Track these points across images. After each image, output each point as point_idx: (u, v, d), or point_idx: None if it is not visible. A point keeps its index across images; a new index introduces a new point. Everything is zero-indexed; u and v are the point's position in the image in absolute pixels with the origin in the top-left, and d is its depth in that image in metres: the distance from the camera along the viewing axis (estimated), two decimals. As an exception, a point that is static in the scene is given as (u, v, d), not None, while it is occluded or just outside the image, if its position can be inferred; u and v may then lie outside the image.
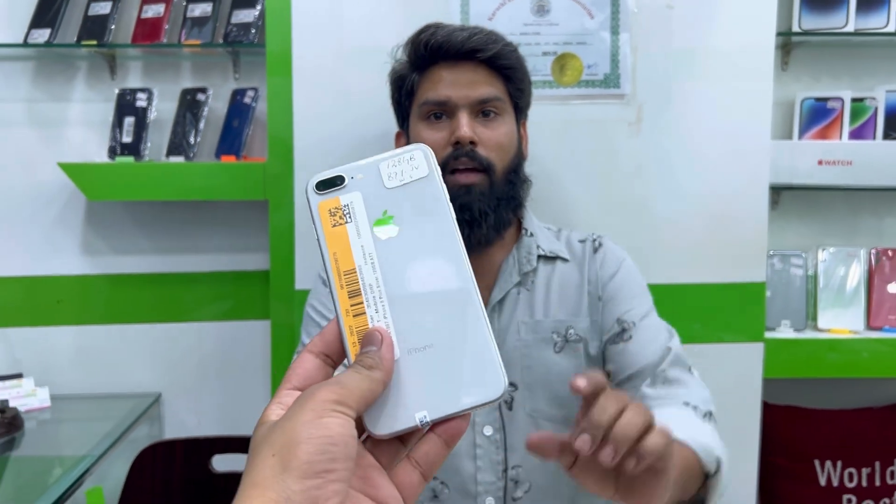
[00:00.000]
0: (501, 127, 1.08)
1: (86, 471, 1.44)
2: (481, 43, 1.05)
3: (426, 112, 1.08)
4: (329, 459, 0.37)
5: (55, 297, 1.87)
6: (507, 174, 1.08)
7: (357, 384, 0.40)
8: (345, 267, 0.44)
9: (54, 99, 1.82)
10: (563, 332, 1.09)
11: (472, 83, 1.05)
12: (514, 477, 1.05)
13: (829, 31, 1.71)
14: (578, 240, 1.17)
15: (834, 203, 1.82)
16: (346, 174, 0.46)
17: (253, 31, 1.73)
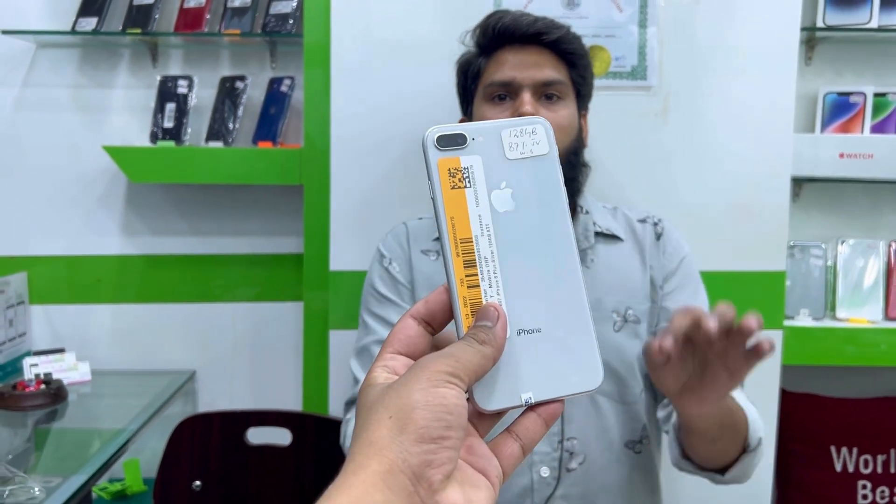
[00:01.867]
0: (563, 110, 1.10)
1: (124, 444, 1.50)
2: (547, 27, 1.09)
3: (490, 93, 1.11)
4: (444, 427, 0.38)
5: (95, 276, 1.95)
6: (567, 156, 1.09)
7: (470, 358, 0.40)
8: (462, 234, 0.43)
9: (99, 85, 1.90)
10: (622, 311, 1.12)
11: (536, 65, 1.08)
12: (570, 448, 1.07)
13: (852, 26, 1.74)
14: (637, 219, 1.19)
15: (854, 196, 1.85)
16: (468, 133, 0.44)
17: (291, 22, 1.79)
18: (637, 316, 1.12)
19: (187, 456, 1.47)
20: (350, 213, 1.55)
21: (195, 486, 1.46)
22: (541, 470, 1.07)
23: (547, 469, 1.07)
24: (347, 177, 1.54)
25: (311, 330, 1.65)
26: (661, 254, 1.16)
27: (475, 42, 1.15)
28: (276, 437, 1.48)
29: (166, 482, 1.45)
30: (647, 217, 1.20)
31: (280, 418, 1.49)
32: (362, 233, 1.54)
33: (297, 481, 1.47)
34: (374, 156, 1.54)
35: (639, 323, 1.12)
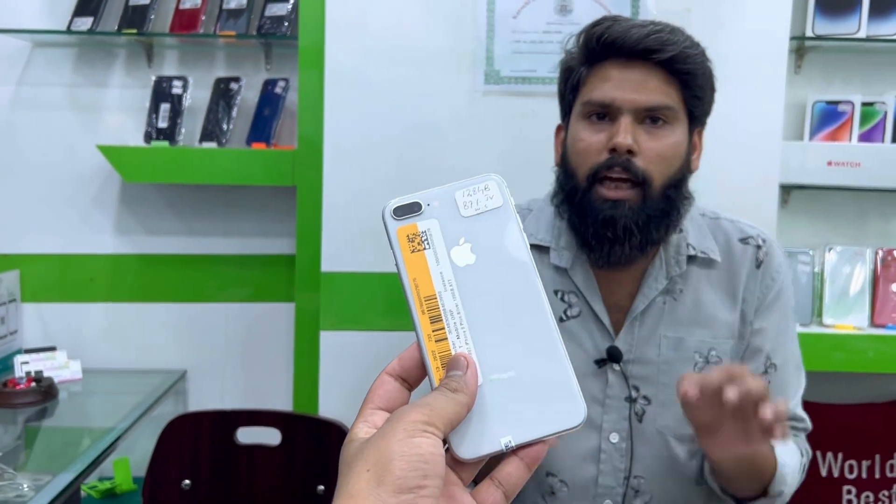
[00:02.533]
0: (668, 137, 0.98)
1: (113, 442, 1.51)
2: (658, 43, 0.95)
3: (588, 111, 1.00)
4: (421, 476, 0.39)
5: (88, 274, 1.95)
6: (665, 189, 0.98)
7: (444, 406, 0.41)
8: (425, 293, 0.44)
9: (94, 84, 1.90)
10: (705, 353, 1.04)
11: (641, 86, 0.96)
12: (636, 486, 1.04)
13: (841, 36, 1.76)
14: (739, 238, 1.08)
15: (842, 203, 1.87)
16: (423, 201, 0.46)
17: (286, 24, 1.80)
18: (720, 357, 1.04)
19: (177, 455, 1.47)
20: (342, 215, 1.56)
21: (184, 485, 1.46)
22: (604, 503, 1.04)
23: (610, 502, 1.04)
24: (340, 178, 1.56)
25: (302, 331, 1.66)
26: (758, 284, 1.05)
27: (578, 49, 1.03)
28: (265, 436, 1.49)
29: (155, 481, 1.45)
30: (750, 236, 1.08)
31: (270, 418, 1.49)
32: (354, 235, 1.55)
33: (287, 481, 1.47)
34: (367, 158, 1.55)
35: (720, 362, 1.04)
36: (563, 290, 1.07)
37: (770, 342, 1.05)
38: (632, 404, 1.03)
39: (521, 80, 1.55)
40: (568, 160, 1.03)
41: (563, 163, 1.06)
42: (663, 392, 1.03)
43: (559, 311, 1.06)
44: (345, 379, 1.57)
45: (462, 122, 1.55)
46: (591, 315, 1.05)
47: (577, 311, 1.06)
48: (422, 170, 1.55)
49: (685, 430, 1.03)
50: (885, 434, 1.81)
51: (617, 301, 1.06)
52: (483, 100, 1.56)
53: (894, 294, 1.78)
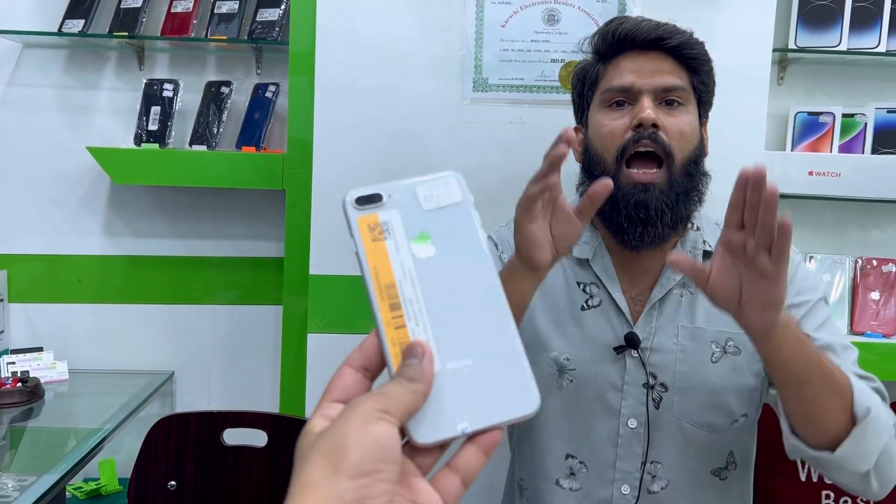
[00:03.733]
0: (684, 116, 1.05)
1: (99, 443, 1.51)
2: (668, 32, 1.04)
3: (608, 99, 1.07)
4: (377, 461, 0.39)
5: (76, 275, 1.96)
6: (686, 165, 1.04)
7: (400, 395, 0.42)
8: (385, 280, 0.45)
9: (84, 87, 1.91)
10: (722, 342, 1.07)
11: (657, 71, 1.04)
12: (652, 471, 1.06)
13: (823, 48, 1.79)
14: None
15: (823, 213, 1.90)
16: (384, 192, 0.47)
17: (277, 30, 1.82)
18: (738, 347, 1.06)
19: (163, 456, 1.47)
20: (331, 219, 1.57)
21: (170, 485, 1.46)
22: (622, 487, 1.07)
23: (628, 487, 1.07)
24: (329, 183, 1.57)
25: (289, 333, 1.67)
26: None
27: (593, 48, 1.11)
28: (251, 438, 1.49)
29: (141, 482, 1.46)
30: None
31: (256, 419, 1.50)
32: (342, 238, 1.55)
33: (272, 482, 1.48)
34: (356, 163, 1.57)
35: (738, 354, 1.06)
36: (584, 281, 1.11)
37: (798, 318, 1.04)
38: (649, 391, 1.06)
39: (510, 87, 1.57)
40: (593, 147, 1.08)
41: (585, 155, 1.11)
42: (681, 380, 1.06)
43: (580, 301, 1.10)
44: (331, 381, 1.58)
45: (450, 128, 1.57)
46: (611, 304, 1.09)
47: (597, 300, 1.10)
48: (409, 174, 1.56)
49: (703, 418, 1.06)
50: (863, 440, 1.83)
51: (636, 293, 1.10)
52: (471, 107, 1.57)
53: (873, 302, 1.81)
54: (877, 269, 1.82)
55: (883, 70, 1.88)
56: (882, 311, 1.80)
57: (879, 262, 1.83)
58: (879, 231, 1.92)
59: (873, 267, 1.82)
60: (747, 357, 1.07)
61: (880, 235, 1.92)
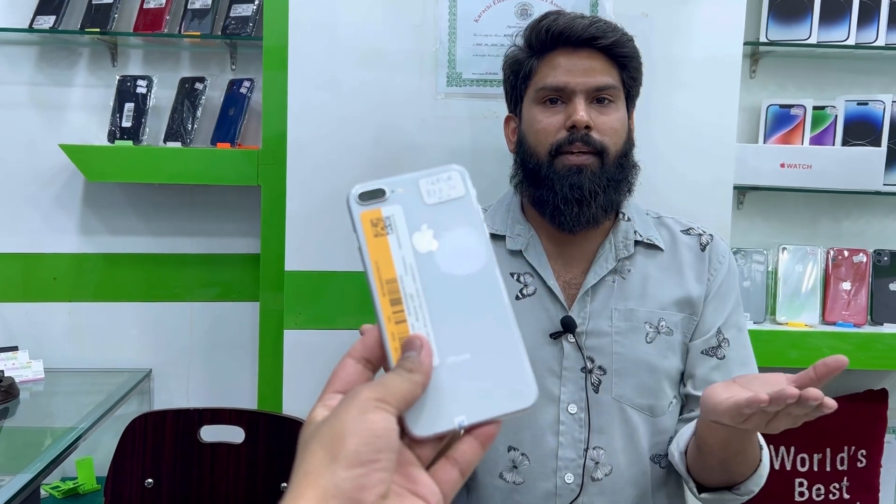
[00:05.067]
0: (615, 113, 1.09)
1: (74, 441, 1.50)
2: (601, 31, 1.07)
3: (542, 97, 1.10)
4: (374, 450, 0.40)
5: (51, 274, 1.94)
6: (618, 158, 1.09)
7: (398, 385, 0.42)
8: (386, 276, 0.45)
9: (57, 83, 1.90)
10: (655, 322, 1.10)
11: (589, 70, 1.08)
12: (595, 457, 1.07)
13: (794, 42, 1.81)
14: (682, 230, 1.17)
15: (795, 204, 1.92)
16: (387, 187, 0.47)
17: (250, 25, 1.81)
18: (670, 327, 1.10)
19: (139, 454, 1.47)
20: (306, 215, 1.57)
21: (147, 483, 1.46)
22: (565, 476, 1.07)
23: (571, 475, 1.07)
24: (304, 179, 1.56)
25: (266, 330, 1.67)
26: (705, 265, 1.13)
27: (526, 42, 1.13)
28: (229, 435, 1.49)
29: (118, 480, 1.45)
30: (692, 227, 1.17)
31: (233, 416, 1.50)
32: (318, 234, 1.56)
33: (250, 479, 1.48)
34: (331, 158, 1.56)
35: (671, 334, 1.10)
36: (518, 271, 1.13)
37: (721, 319, 1.11)
38: (588, 375, 1.08)
39: (483, 82, 1.58)
40: (527, 142, 1.12)
41: (519, 147, 1.15)
42: (617, 361, 1.09)
43: (515, 291, 1.12)
44: (308, 378, 1.58)
45: (424, 123, 1.57)
46: (545, 291, 1.11)
47: (532, 289, 1.12)
48: (385, 170, 1.56)
49: (642, 400, 1.09)
50: (835, 428, 1.85)
51: (570, 279, 1.13)
52: (445, 102, 1.57)
53: (844, 292, 1.83)
54: (848, 260, 1.84)
55: (852, 63, 1.90)
56: (853, 301, 1.82)
57: (851, 253, 1.85)
58: (850, 222, 1.95)
59: (844, 258, 1.84)
60: (680, 337, 1.11)
61: (851, 226, 1.95)
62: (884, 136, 1.83)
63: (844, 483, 1.85)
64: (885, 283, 1.84)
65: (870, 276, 1.84)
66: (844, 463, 1.85)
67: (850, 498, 1.85)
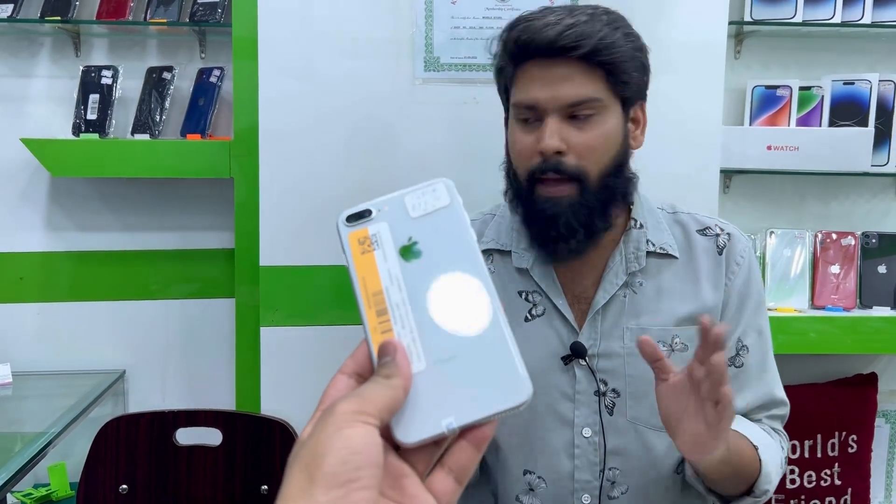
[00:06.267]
0: (596, 128, 0.98)
1: (45, 447, 1.45)
2: (573, 39, 0.94)
3: (517, 114, 1.01)
4: (353, 469, 0.38)
5: (17, 273, 1.88)
6: (602, 179, 0.99)
7: (376, 393, 0.41)
8: (372, 289, 0.45)
9: (18, 75, 1.82)
10: (669, 341, 1.04)
11: (564, 83, 0.96)
12: (611, 478, 1.04)
13: (779, 21, 1.78)
14: (698, 229, 1.08)
15: (782, 187, 1.90)
16: (374, 207, 0.48)
17: (219, 11, 1.75)
18: (685, 343, 1.04)
19: (113, 459, 1.42)
20: (280, 208, 1.52)
21: (121, 489, 1.41)
22: (582, 497, 1.05)
23: (588, 497, 1.05)
24: (277, 170, 1.52)
25: (242, 327, 1.62)
26: (723, 270, 1.06)
27: (502, 49, 1.03)
28: (206, 437, 1.45)
29: (90, 487, 1.40)
30: (709, 227, 1.08)
31: (209, 418, 1.45)
32: (293, 227, 1.52)
33: (228, 482, 1.44)
34: (305, 149, 1.52)
35: (686, 350, 1.03)
36: (527, 290, 1.08)
37: (741, 325, 1.06)
38: (601, 398, 1.04)
39: (462, 66, 1.53)
40: (511, 160, 1.05)
41: (507, 159, 1.07)
42: (632, 384, 1.03)
43: (524, 312, 1.07)
44: (287, 376, 1.54)
45: (402, 110, 1.52)
46: (554, 312, 1.06)
47: (541, 309, 1.07)
48: (361, 159, 1.52)
49: (656, 420, 1.01)
50: (826, 414, 1.84)
51: (581, 293, 1.06)
52: (423, 87, 1.53)
53: (833, 276, 1.81)
54: (836, 243, 1.82)
55: (838, 42, 1.87)
56: (842, 285, 1.80)
57: (839, 236, 1.83)
58: (838, 204, 1.92)
59: (833, 240, 1.82)
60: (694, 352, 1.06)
61: (839, 208, 1.93)
62: (871, 116, 1.81)
63: (836, 469, 1.84)
64: (873, 265, 1.82)
65: (858, 259, 1.81)
66: (835, 449, 1.84)
67: (842, 484, 1.83)
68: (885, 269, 1.81)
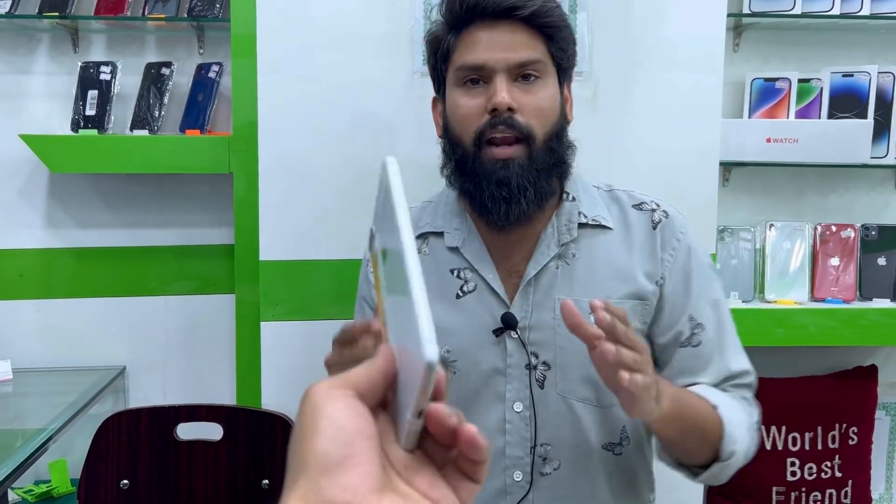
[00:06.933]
0: (542, 91, 1.01)
1: (45, 442, 1.45)
2: (520, 0, 0.99)
3: (462, 77, 1.02)
4: (344, 445, 0.36)
5: (17, 270, 1.87)
6: (548, 141, 1.01)
7: (355, 370, 0.40)
8: (379, 308, 0.48)
9: (16, 71, 1.82)
10: None
11: (510, 45, 0.99)
12: (543, 454, 1.04)
13: (777, 13, 1.77)
14: (633, 204, 1.09)
15: (781, 179, 1.89)
16: (373, 226, 0.49)
17: (217, 6, 1.74)
18: None
19: (114, 454, 1.42)
20: (280, 203, 1.52)
21: (123, 485, 1.41)
22: (514, 474, 1.04)
23: (520, 473, 1.04)
24: (277, 165, 1.52)
25: (242, 322, 1.62)
26: (657, 246, 1.06)
27: (443, 16, 1.04)
28: (207, 432, 1.45)
29: (91, 483, 1.40)
30: (644, 202, 1.09)
31: (210, 412, 1.46)
32: (293, 222, 1.52)
33: (230, 476, 1.44)
34: (305, 143, 1.52)
35: None
36: (458, 267, 1.08)
37: (691, 302, 1.04)
38: (532, 371, 1.03)
39: (460, 60, 1.53)
40: (451, 129, 1.05)
41: (446, 133, 1.08)
42: (562, 356, 1.03)
43: (455, 289, 1.07)
44: (287, 370, 1.54)
45: (401, 104, 1.52)
46: (486, 287, 1.06)
47: (472, 285, 1.07)
48: (360, 153, 1.52)
49: (588, 393, 1.04)
50: (826, 406, 1.84)
51: (512, 267, 1.06)
52: (422, 81, 1.52)
53: (833, 268, 1.81)
54: (836, 235, 1.82)
55: (837, 34, 1.87)
56: (842, 277, 1.80)
57: (838, 228, 1.83)
58: (837, 196, 1.92)
59: (832, 233, 1.82)
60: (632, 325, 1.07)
61: (838, 201, 1.92)
62: (870, 107, 1.80)
63: (836, 461, 1.84)
64: (873, 257, 1.82)
65: (858, 252, 1.81)
66: (836, 441, 1.84)
67: (843, 476, 1.84)
68: (884, 262, 1.81)
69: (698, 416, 0.95)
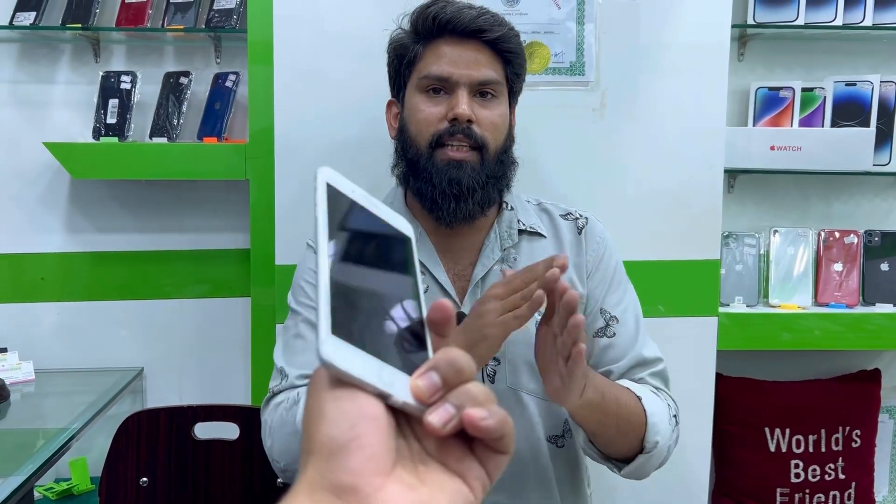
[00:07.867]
0: (497, 108, 1.10)
1: (67, 442, 1.49)
2: (488, 24, 1.07)
3: (426, 85, 1.10)
4: (348, 427, 0.36)
5: (39, 274, 1.92)
6: (498, 154, 1.10)
7: None
8: None
9: (39, 81, 1.87)
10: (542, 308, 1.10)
11: (474, 63, 1.07)
12: None
13: (781, 24, 1.81)
14: (561, 214, 1.20)
15: (785, 186, 1.92)
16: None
17: (234, 17, 1.79)
18: None
19: (133, 453, 1.46)
20: (295, 208, 1.55)
21: (142, 482, 1.45)
22: None
23: None
24: (292, 171, 1.55)
25: (258, 325, 1.65)
26: (583, 249, 1.17)
27: (412, 26, 1.12)
28: (223, 431, 1.48)
29: (112, 480, 1.44)
30: (570, 212, 1.20)
31: (227, 412, 1.49)
32: (308, 227, 1.54)
33: (246, 475, 1.47)
34: (319, 150, 1.55)
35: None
36: None
37: (609, 298, 1.15)
38: (483, 367, 1.09)
39: (471, 70, 1.56)
40: (407, 131, 1.12)
41: (400, 135, 1.15)
42: (511, 350, 1.10)
43: None
44: (302, 371, 1.57)
45: (413, 113, 1.56)
46: (437, 287, 1.12)
47: (425, 287, 1.10)
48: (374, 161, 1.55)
49: (535, 385, 1.10)
50: (829, 409, 1.86)
51: (460, 272, 1.14)
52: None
53: (836, 274, 1.84)
54: (839, 241, 1.85)
55: (840, 43, 1.90)
56: (845, 283, 1.83)
57: (842, 234, 1.85)
58: (841, 203, 1.95)
59: (836, 239, 1.85)
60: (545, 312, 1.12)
61: (842, 208, 1.95)
62: (872, 116, 1.83)
63: (840, 463, 1.86)
64: (876, 263, 1.84)
65: (861, 257, 1.84)
66: (839, 443, 1.86)
67: (846, 478, 1.86)
68: (887, 267, 1.84)
69: (622, 405, 1.00)
